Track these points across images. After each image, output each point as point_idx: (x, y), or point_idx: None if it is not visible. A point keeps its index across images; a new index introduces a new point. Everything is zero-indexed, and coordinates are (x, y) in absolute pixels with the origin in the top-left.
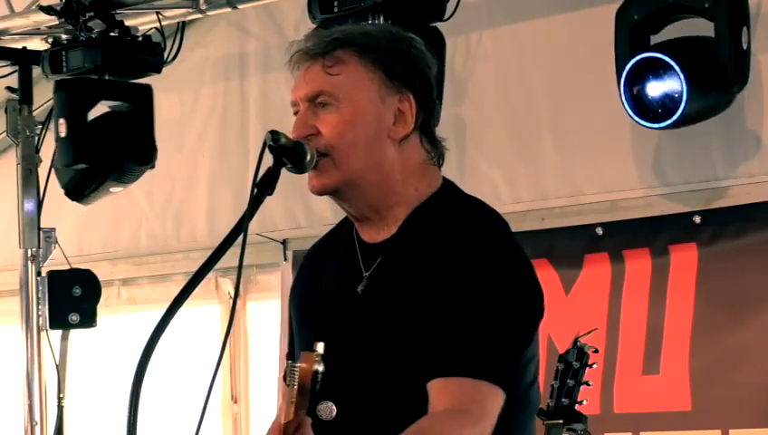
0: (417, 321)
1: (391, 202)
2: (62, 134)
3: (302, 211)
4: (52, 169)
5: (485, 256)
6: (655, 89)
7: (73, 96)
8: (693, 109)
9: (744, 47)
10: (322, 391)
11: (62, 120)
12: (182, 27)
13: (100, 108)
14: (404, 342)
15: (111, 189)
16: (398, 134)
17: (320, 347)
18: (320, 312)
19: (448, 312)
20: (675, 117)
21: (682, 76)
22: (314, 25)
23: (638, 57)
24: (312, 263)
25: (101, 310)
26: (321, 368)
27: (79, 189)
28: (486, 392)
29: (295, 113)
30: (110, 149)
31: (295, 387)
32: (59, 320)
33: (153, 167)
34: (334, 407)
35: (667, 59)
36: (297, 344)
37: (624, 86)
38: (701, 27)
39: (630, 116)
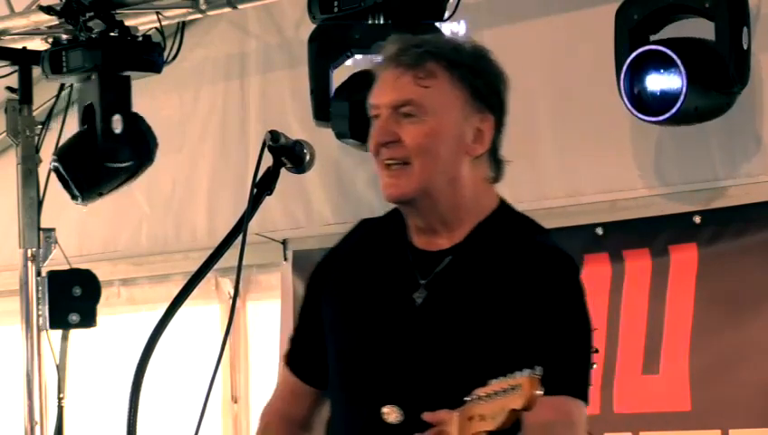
0: (487, 333)
1: (460, 215)
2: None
3: (302, 211)
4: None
5: (567, 283)
6: (655, 83)
7: None
8: (692, 104)
9: (745, 47)
10: (388, 393)
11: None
12: (182, 27)
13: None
14: (473, 352)
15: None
16: (476, 152)
17: (539, 370)
18: (365, 315)
19: (540, 333)
20: (673, 110)
21: (682, 69)
22: (315, 25)
23: (640, 50)
24: (345, 263)
25: (101, 310)
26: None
27: None
28: (583, 409)
29: (375, 116)
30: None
31: (511, 409)
32: (59, 320)
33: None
34: (401, 411)
35: (668, 51)
36: (331, 341)
37: (624, 80)
38: (701, 27)
39: (629, 110)
